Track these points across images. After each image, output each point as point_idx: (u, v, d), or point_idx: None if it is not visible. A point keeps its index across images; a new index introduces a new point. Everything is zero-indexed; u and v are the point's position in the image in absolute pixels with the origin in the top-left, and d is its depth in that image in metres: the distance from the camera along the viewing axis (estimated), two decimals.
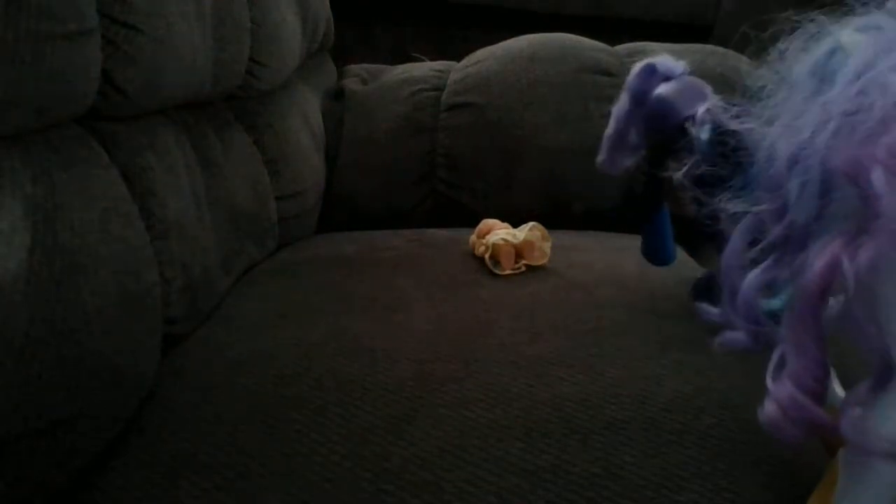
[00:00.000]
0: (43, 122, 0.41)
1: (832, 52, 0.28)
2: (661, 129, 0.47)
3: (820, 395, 0.28)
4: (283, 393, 0.44)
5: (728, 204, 0.32)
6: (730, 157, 0.38)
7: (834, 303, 0.27)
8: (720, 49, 0.96)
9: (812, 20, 0.30)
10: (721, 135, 0.41)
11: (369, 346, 0.48)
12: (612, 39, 1.00)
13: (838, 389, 0.33)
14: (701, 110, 0.44)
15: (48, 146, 0.42)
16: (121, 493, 0.38)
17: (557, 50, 0.94)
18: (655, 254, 0.54)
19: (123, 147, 0.50)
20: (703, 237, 0.45)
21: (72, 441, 0.39)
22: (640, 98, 0.49)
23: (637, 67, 0.50)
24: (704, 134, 0.43)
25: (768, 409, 0.29)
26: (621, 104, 0.51)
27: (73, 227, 0.40)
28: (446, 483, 0.37)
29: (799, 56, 0.29)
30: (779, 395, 0.28)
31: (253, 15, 0.70)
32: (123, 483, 0.39)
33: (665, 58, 0.49)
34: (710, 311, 0.37)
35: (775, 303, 0.31)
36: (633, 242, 0.55)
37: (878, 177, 0.25)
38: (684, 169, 0.42)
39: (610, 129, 0.52)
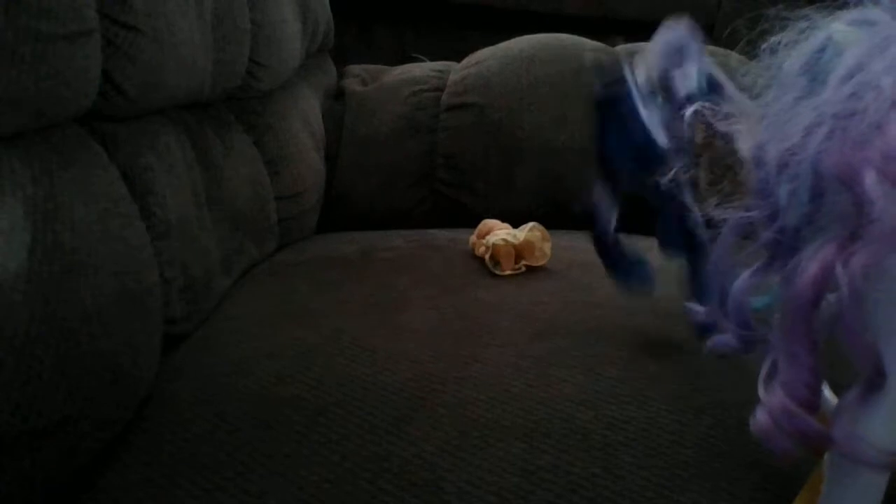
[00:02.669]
0: (43, 122, 0.41)
1: (823, 48, 0.28)
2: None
3: (812, 404, 0.27)
4: (282, 393, 0.44)
5: (717, 210, 0.32)
6: (718, 161, 0.38)
7: (825, 305, 0.27)
8: (720, 49, 0.96)
9: (803, 16, 0.29)
10: (710, 136, 0.40)
11: (369, 346, 0.48)
12: (612, 39, 1.00)
13: (829, 395, 0.32)
14: (688, 112, 0.43)
15: (48, 146, 0.42)
16: (121, 493, 0.38)
17: (557, 50, 0.94)
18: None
19: (123, 147, 0.50)
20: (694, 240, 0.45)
21: (72, 441, 0.39)
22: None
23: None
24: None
25: (760, 418, 0.28)
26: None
27: (73, 227, 0.40)
28: (446, 483, 0.37)
29: (790, 51, 0.29)
30: (770, 404, 0.28)
31: (253, 15, 0.70)
32: (123, 483, 0.39)
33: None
34: (699, 311, 0.36)
35: (761, 301, 0.31)
36: (633, 243, 0.55)
37: (871, 181, 0.24)
38: (671, 173, 0.41)
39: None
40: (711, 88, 0.42)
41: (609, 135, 0.45)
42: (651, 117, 0.43)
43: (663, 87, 0.45)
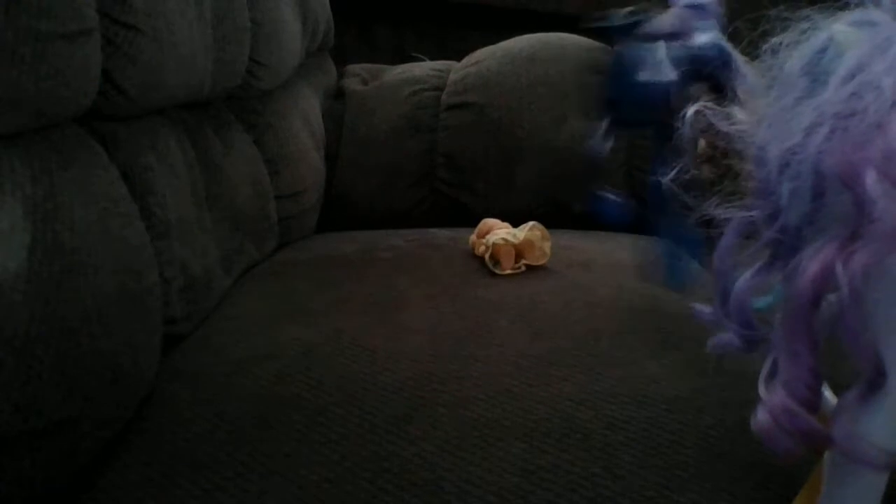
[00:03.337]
0: (43, 122, 0.41)
1: (825, 48, 0.28)
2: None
3: (813, 403, 0.27)
4: (282, 393, 0.44)
5: (717, 210, 0.31)
6: (719, 160, 0.38)
7: (826, 305, 0.27)
8: None
9: (804, 17, 0.29)
10: (711, 135, 0.40)
11: (369, 346, 0.48)
12: (612, 39, 1.00)
13: (829, 395, 0.32)
14: (689, 111, 0.43)
15: (48, 146, 0.42)
16: (121, 493, 0.38)
17: (557, 50, 0.94)
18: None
19: (123, 147, 0.50)
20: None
21: (72, 441, 0.39)
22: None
23: None
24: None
25: (761, 417, 0.28)
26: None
27: (73, 227, 0.40)
28: (446, 483, 0.37)
29: (791, 51, 0.29)
30: (771, 403, 0.28)
31: (253, 14, 0.70)
32: (123, 483, 0.39)
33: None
34: (704, 310, 0.36)
35: (763, 301, 0.31)
36: (633, 243, 0.55)
37: (872, 181, 0.24)
38: (672, 173, 0.41)
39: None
40: (723, 57, 0.42)
41: (621, 70, 0.46)
42: (662, 55, 0.45)
43: (682, 35, 0.46)
